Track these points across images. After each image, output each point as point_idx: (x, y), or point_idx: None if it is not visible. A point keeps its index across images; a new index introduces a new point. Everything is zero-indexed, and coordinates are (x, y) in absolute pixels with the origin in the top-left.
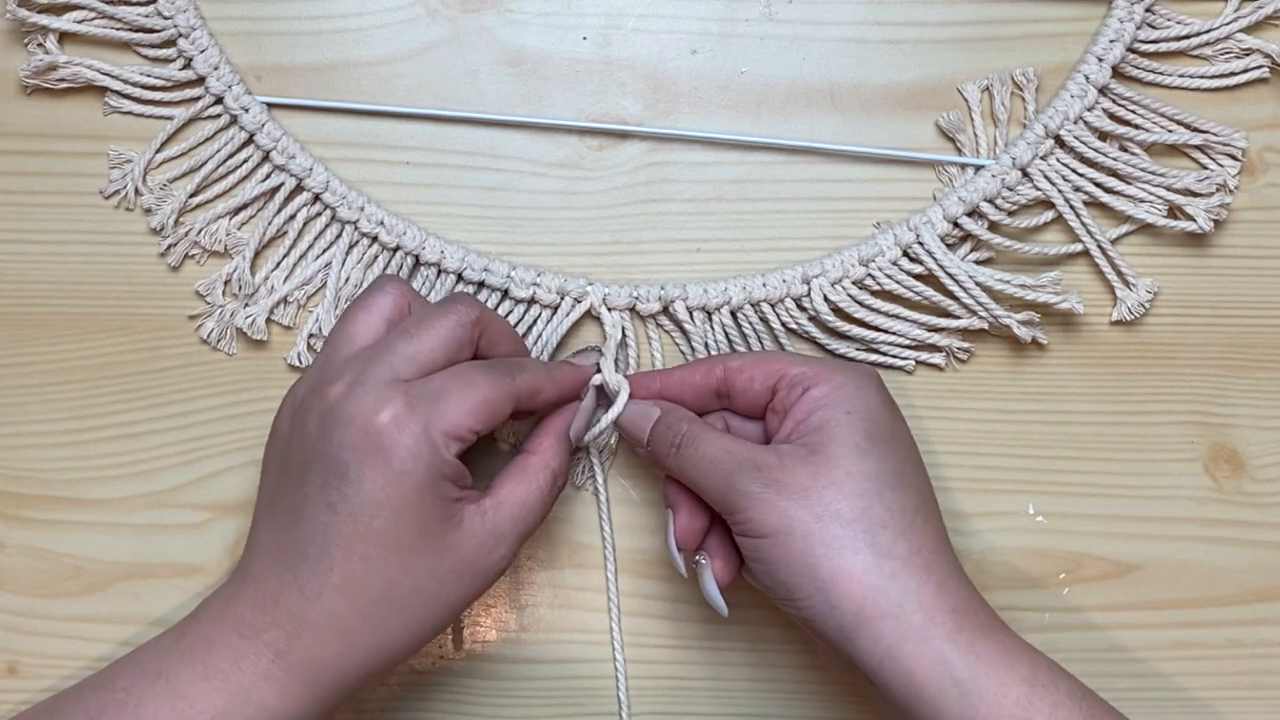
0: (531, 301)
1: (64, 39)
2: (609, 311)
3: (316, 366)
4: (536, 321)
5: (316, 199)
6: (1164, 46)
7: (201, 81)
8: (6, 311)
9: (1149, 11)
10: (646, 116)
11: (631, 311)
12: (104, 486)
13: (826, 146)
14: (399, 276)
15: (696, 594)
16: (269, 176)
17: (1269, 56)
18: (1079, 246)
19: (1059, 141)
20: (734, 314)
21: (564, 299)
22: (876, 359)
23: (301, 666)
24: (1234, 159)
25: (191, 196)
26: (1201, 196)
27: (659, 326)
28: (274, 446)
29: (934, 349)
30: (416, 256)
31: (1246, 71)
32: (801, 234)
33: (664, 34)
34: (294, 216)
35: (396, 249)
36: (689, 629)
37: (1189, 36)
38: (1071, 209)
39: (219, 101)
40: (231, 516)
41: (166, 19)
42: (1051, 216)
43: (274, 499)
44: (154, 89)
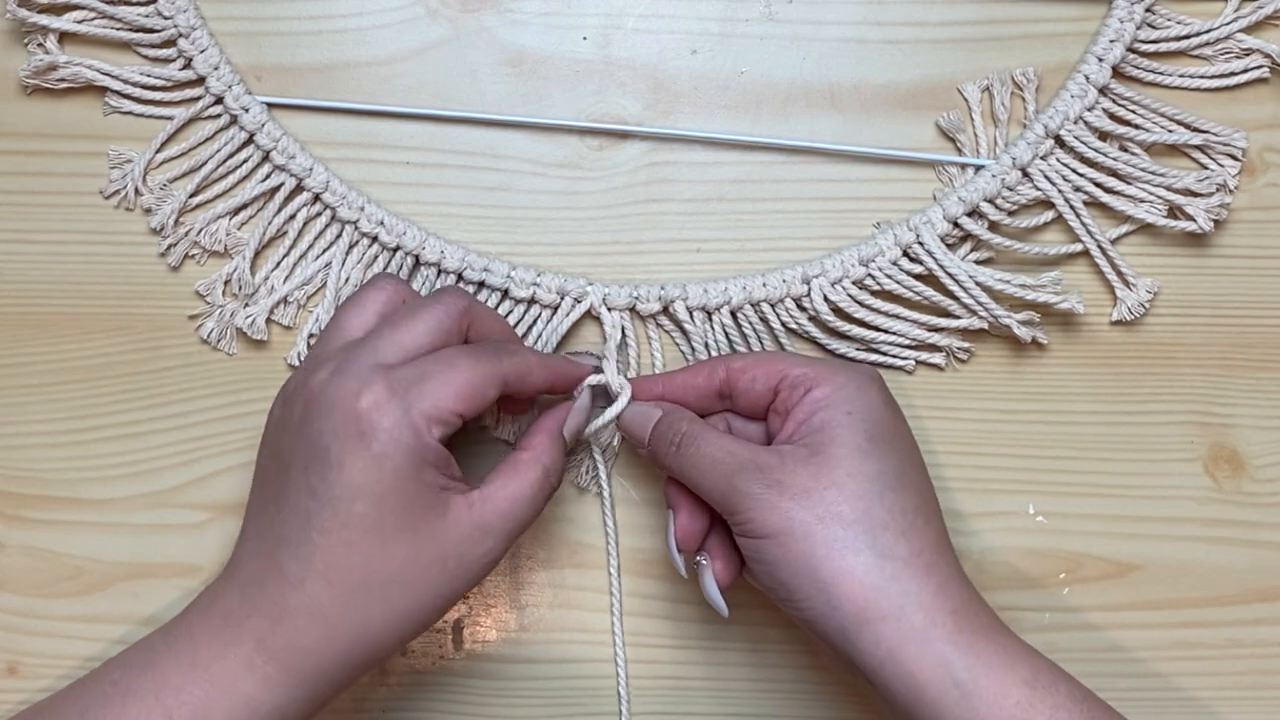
0: (531, 301)
1: (64, 39)
2: (609, 311)
3: (307, 359)
4: (536, 321)
5: (316, 199)
6: (1164, 46)
7: (201, 81)
8: (6, 311)
9: (1149, 11)
10: (646, 116)
11: (631, 311)
12: (104, 486)
13: (826, 146)
14: (395, 275)
15: (697, 594)
16: (269, 176)
17: (1269, 56)
18: (1079, 246)
19: (1059, 141)
20: (734, 314)
21: (564, 299)
22: (877, 359)
23: (283, 654)
24: (1234, 159)
25: (191, 196)
26: (1201, 196)
27: (659, 327)
28: (265, 439)
29: (934, 349)
30: (416, 256)
31: (1246, 71)
32: (801, 234)
33: (664, 34)
34: (294, 216)
35: (396, 249)
36: (689, 629)
37: (1189, 36)
38: (1071, 209)
39: (219, 101)
40: (231, 516)
41: (166, 19)
42: (1051, 216)
43: (262, 489)
44: (154, 89)
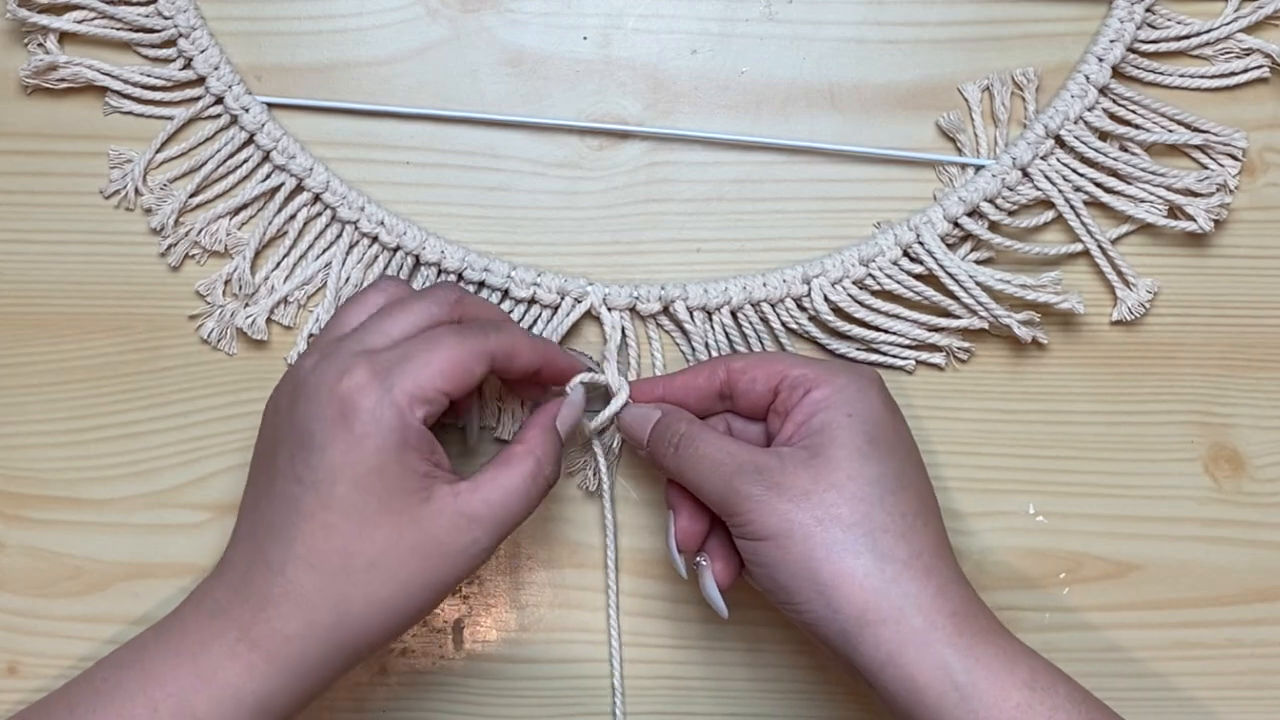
0: (532, 301)
1: (64, 39)
2: (609, 312)
3: (303, 353)
4: (536, 321)
5: (317, 199)
6: (1164, 46)
7: (202, 81)
8: (6, 311)
9: (1149, 11)
10: (646, 116)
11: (632, 312)
12: (104, 486)
13: (826, 146)
14: (398, 277)
15: (696, 594)
16: (269, 176)
17: (1269, 56)
18: (1079, 246)
19: (1059, 141)
20: (734, 314)
21: (564, 299)
22: (877, 359)
23: (266, 642)
24: (1234, 159)
25: (192, 196)
26: (1202, 196)
27: (659, 327)
28: (259, 433)
29: (934, 349)
30: (417, 257)
31: (1246, 71)
32: (801, 234)
33: (664, 34)
34: (294, 216)
35: (397, 249)
36: (689, 629)
37: (1189, 36)
38: (1072, 209)
39: (219, 101)
40: (231, 516)
41: (167, 19)
42: (1052, 216)
43: (255, 481)
44: (154, 89)
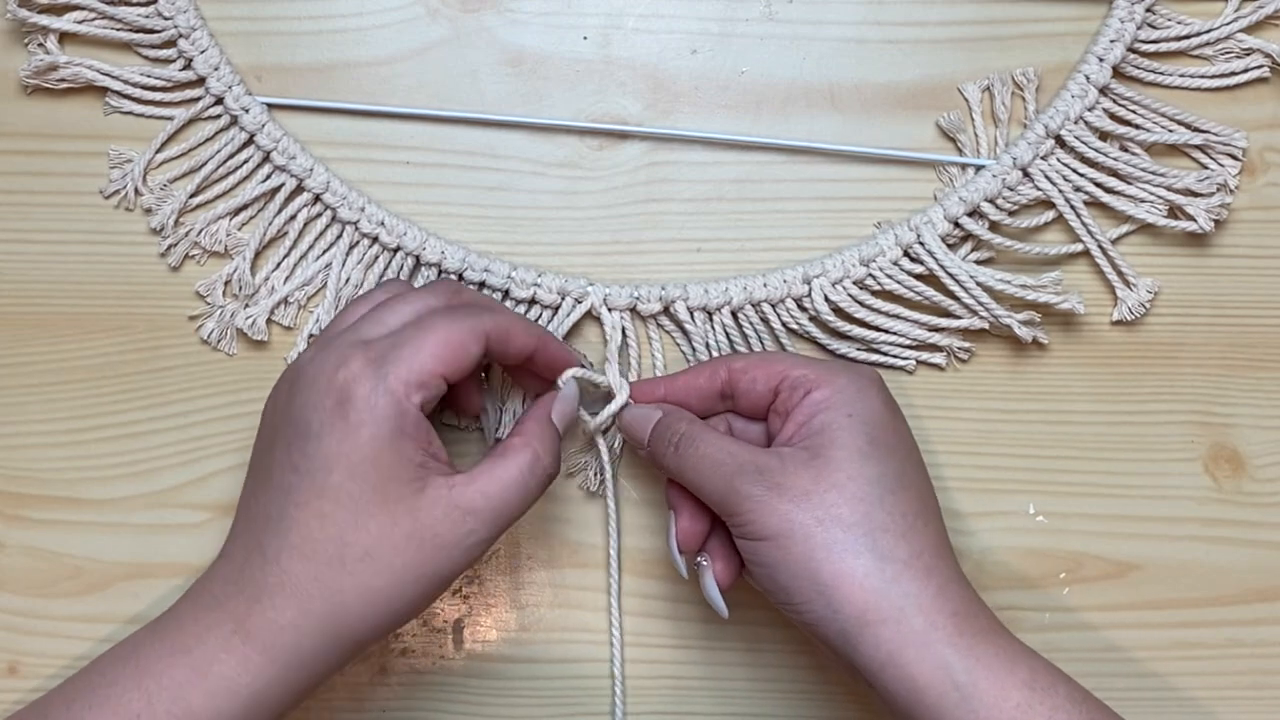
0: (532, 302)
1: (64, 39)
2: (609, 312)
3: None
4: (537, 322)
5: (317, 199)
6: (1164, 46)
7: (202, 82)
8: (6, 311)
9: (1149, 11)
10: (646, 116)
11: (632, 312)
12: (104, 486)
13: (826, 146)
14: (400, 279)
15: (697, 594)
16: (269, 177)
17: (1269, 56)
18: (1079, 246)
19: (1059, 141)
20: (735, 314)
21: (565, 299)
22: (877, 359)
23: (261, 634)
24: (1234, 159)
25: (192, 197)
26: (1202, 196)
27: (659, 327)
28: (259, 429)
29: (935, 349)
30: (417, 257)
31: (1247, 71)
32: (802, 234)
33: (664, 34)
34: (294, 217)
35: (397, 249)
36: (689, 629)
37: (1189, 36)
38: (1072, 209)
39: (219, 102)
40: (231, 516)
41: (167, 19)
42: (1052, 216)
43: (254, 475)
44: (154, 89)
